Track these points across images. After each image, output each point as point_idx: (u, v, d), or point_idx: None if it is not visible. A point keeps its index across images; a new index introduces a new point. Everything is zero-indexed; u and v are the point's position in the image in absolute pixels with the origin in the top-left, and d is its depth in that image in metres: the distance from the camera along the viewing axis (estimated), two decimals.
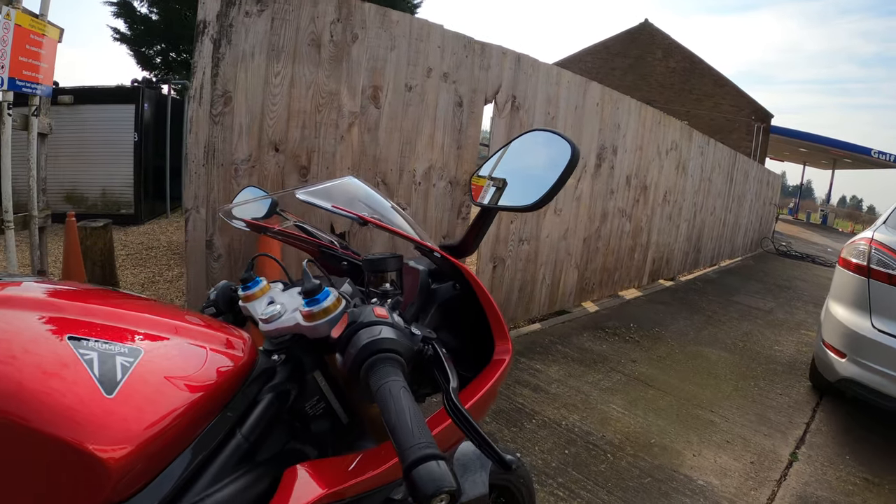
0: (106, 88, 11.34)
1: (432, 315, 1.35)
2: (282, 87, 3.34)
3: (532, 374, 4.29)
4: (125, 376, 0.83)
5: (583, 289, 6.26)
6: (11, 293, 0.91)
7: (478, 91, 4.29)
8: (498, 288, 5.02)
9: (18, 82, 4.55)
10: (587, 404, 3.84)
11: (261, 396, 1.07)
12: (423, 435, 0.76)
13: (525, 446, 3.29)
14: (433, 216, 4.28)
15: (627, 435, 3.46)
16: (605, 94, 5.65)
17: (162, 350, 0.93)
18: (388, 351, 0.92)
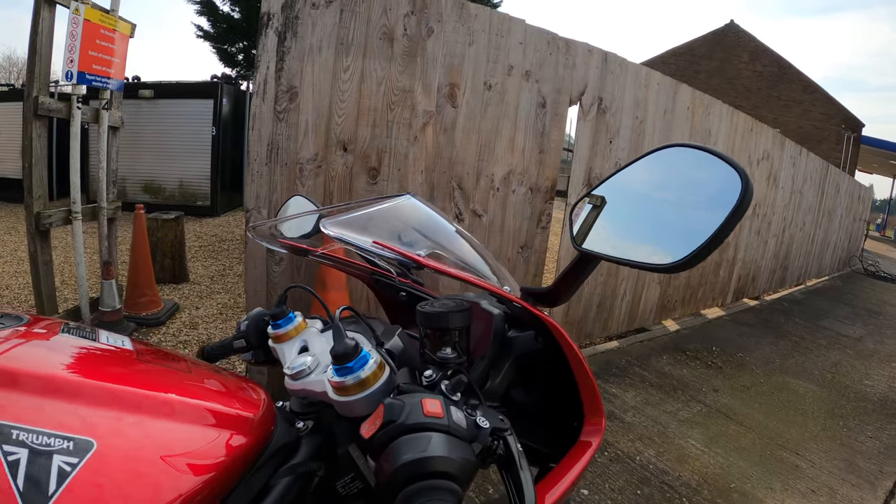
0: (186, 84, 11.97)
1: (506, 371, 1.04)
2: (351, 82, 3.14)
3: (607, 398, 4.01)
4: (60, 487, 0.59)
5: (664, 306, 5.89)
6: None
7: (562, 91, 4.00)
8: (576, 302, 4.72)
9: (88, 76, 4.60)
10: (664, 437, 3.52)
11: (275, 480, 0.83)
12: None
13: (594, 482, 3.01)
14: (511, 224, 4.00)
15: (706, 477, 3.12)
16: (696, 97, 5.30)
17: (127, 440, 0.68)
18: (440, 476, 0.66)
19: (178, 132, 11.34)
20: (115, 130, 5.37)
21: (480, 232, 3.87)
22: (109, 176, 5.29)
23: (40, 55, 4.24)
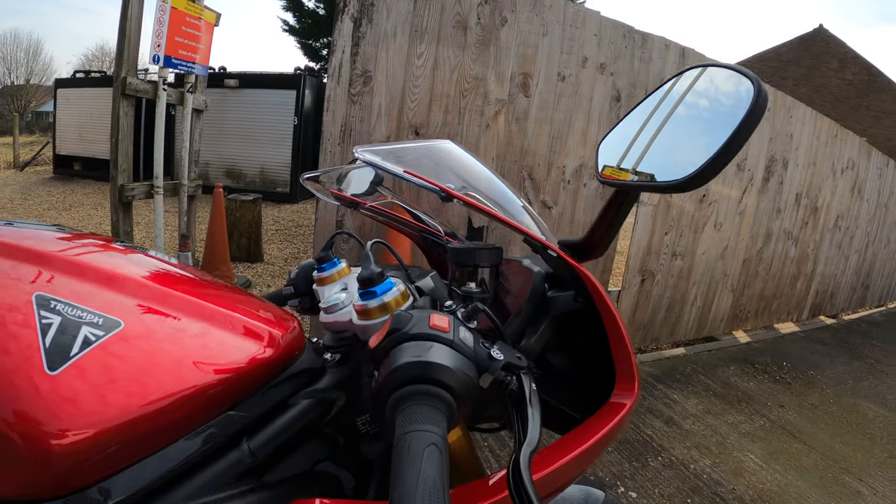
0: (270, 75, 12.51)
1: (542, 331, 1.00)
2: (424, 68, 3.20)
3: (667, 404, 3.91)
4: (82, 351, 0.68)
5: (736, 316, 5.70)
6: (12, 239, 0.80)
7: (637, 85, 3.95)
8: (644, 304, 4.64)
9: (174, 60, 4.94)
10: (722, 448, 3.40)
11: (294, 401, 0.86)
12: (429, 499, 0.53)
13: (644, 486, 2.94)
14: (581, 219, 3.98)
15: (761, 493, 2.98)
16: (778, 98, 5.12)
17: (152, 327, 0.75)
18: (431, 382, 0.65)
19: (262, 121, 11.92)
20: (199, 113, 5.72)
21: (549, 224, 3.84)
22: (191, 156, 5.64)
23: (129, 40, 4.52)
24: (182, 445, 0.74)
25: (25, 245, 0.79)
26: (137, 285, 0.80)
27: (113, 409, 0.67)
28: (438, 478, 0.57)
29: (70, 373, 0.66)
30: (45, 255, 0.78)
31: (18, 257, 0.76)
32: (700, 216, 4.66)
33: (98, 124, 13.38)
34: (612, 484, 2.96)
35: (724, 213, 4.91)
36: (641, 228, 4.36)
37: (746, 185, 5.02)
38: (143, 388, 0.69)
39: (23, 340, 0.67)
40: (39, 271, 0.76)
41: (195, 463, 0.76)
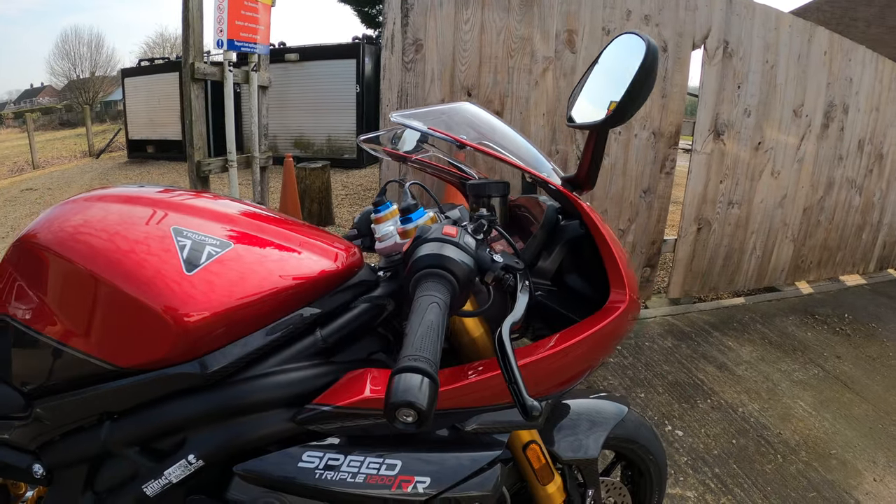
0: (329, 46, 12.77)
1: (556, 253, 1.28)
2: (472, 33, 3.35)
3: (721, 350, 3.98)
4: (208, 261, 1.01)
5: (797, 266, 5.62)
6: (157, 196, 1.15)
7: (684, 35, 3.98)
8: (701, 253, 4.69)
9: (237, 43, 5.28)
10: (772, 395, 3.45)
11: (355, 304, 1.14)
12: (425, 349, 0.75)
13: (691, 426, 3.05)
14: (633, 168, 4.07)
15: (807, 438, 3.02)
16: (835, 42, 4.97)
17: (252, 247, 1.09)
18: (439, 267, 0.91)
19: (325, 91, 12.31)
20: (264, 89, 6.08)
21: (602, 175, 3.95)
22: (261, 130, 6.02)
23: (193, 28, 4.87)
24: (273, 328, 1.05)
25: (158, 197, 1.14)
26: (237, 219, 1.15)
27: (228, 298, 0.99)
28: (436, 321, 0.80)
29: (200, 275, 0.99)
30: (174, 203, 1.13)
31: (157, 205, 1.11)
32: (756, 164, 4.65)
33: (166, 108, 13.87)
34: (660, 423, 3.07)
35: (782, 160, 4.88)
36: (695, 177, 4.40)
37: (804, 131, 4.95)
38: (246, 286, 1.02)
39: (167, 255, 1.00)
40: (172, 213, 1.09)
41: (282, 342, 1.07)
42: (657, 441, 1.73)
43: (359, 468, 1.03)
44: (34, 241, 1.04)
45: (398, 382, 0.70)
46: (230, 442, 1.03)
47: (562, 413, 1.52)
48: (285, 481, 1.02)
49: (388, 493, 1.03)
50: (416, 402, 0.69)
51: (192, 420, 1.02)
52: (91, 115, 25.28)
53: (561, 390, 1.18)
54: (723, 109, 4.31)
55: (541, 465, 1.36)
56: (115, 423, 1.04)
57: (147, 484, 1.02)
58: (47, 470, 1.08)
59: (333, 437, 1.07)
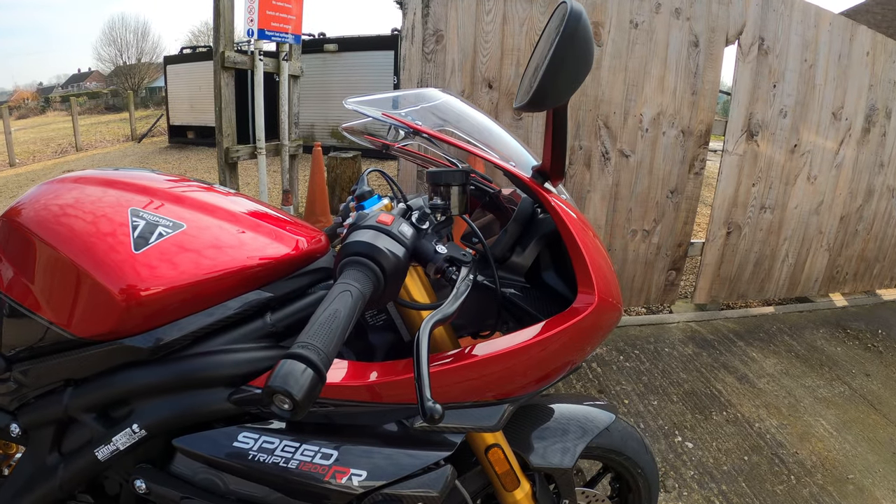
0: (367, 37, 12.87)
1: (530, 249, 1.23)
2: (493, 24, 3.30)
3: (744, 361, 3.83)
4: (157, 240, 1.06)
5: (832, 277, 5.39)
6: (129, 179, 1.21)
7: (716, 30, 3.83)
8: (730, 258, 4.54)
9: (268, 32, 5.39)
10: (793, 411, 3.28)
11: (312, 291, 1.17)
12: (319, 337, 0.74)
13: (703, 438, 2.93)
14: (660, 168, 3.95)
15: (824, 460, 2.86)
16: (878, 42, 4.76)
17: (206, 229, 1.12)
18: (363, 255, 0.89)
19: (362, 81, 12.39)
20: (296, 79, 6.19)
21: (628, 172, 3.87)
22: (291, 118, 6.13)
23: (223, 17, 5.01)
24: (222, 308, 1.08)
25: (129, 181, 1.20)
26: (198, 203, 1.18)
27: (175, 276, 1.03)
28: (342, 310, 0.78)
29: (148, 253, 1.04)
30: (142, 186, 1.18)
31: (125, 188, 1.17)
32: (791, 167, 4.48)
33: (207, 95, 14.07)
34: (670, 433, 2.96)
35: (819, 165, 4.68)
36: (726, 178, 4.25)
37: (844, 135, 4.75)
38: (197, 265, 1.05)
39: (119, 233, 1.06)
40: (133, 195, 1.15)
41: (230, 323, 1.10)
42: (647, 454, 1.64)
43: (293, 454, 1.04)
44: (14, 218, 1.14)
45: (280, 367, 0.69)
46: (171, 415, 1.07)
47: (539, 416, 1.45)
48: (219, 459, 1.05)
49: (319, 482, 1.03)
50: (291, 391, 0.68)
51: (138, 391, 1.07)
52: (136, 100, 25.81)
53: (527, 392, 1.13)
54: (757, 109, 4.14)
55: (504, 471, 1.29)
56: (76, 389, 1.11)
57: (98, 448, 1.08)
58: (23, 430, 1.17)
59: (276, 422, 1.09)
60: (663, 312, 4.68)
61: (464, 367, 1.02)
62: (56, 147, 17.68)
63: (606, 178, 3.87)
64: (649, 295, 4.34)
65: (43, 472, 1.15)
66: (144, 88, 40.92)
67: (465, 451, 1.29)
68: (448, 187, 1.09)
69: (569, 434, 1.41)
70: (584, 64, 0.89)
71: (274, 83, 5.96)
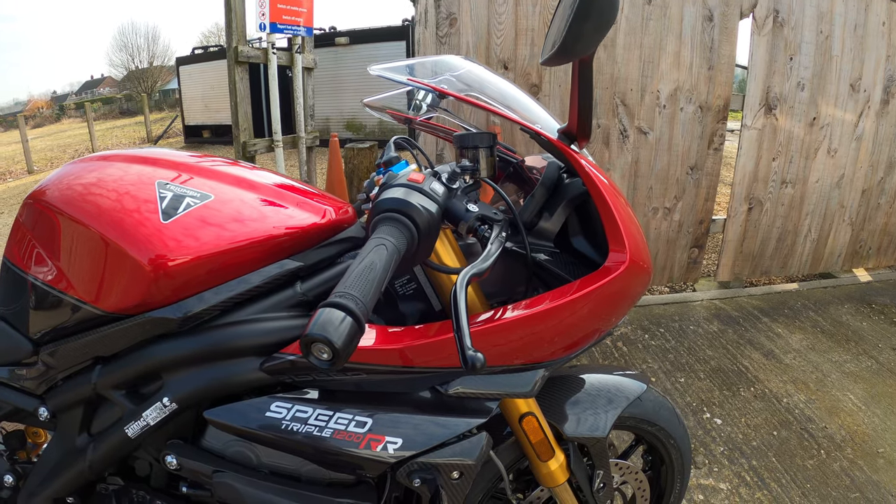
0: (378, 29, 12.93)
1: (559, 213, 1.21)
2: (507, 5, 3.32)
3: (770, 337, 3.80)
4: (185, 210, 1.06)
5: (855, 252, 5.31)
6: (155, 156, 1.22)
7: (730, 3, 3.79)
8: (752, 234, 4.51)
9: (279, 26, 5.40)
10: (821, 386, 3.25)
11: (341, 260, 1.16)
12: (357, 287, 0.73)
13: (731, 414, 2.92)
14: (679, 144, 3.92)
15: (854, 434, 2.82)
16: (894, 11, 4.64)
17: (233, 200, 1.12)
18: (396, 211, 0.89)
19: None
20: (310, 71, 6.24)
21: (647, 149, 3.86)
22: (307, 111, 6.19)
23: (235, 11, 5.05)
24: (251, 277, 1.08)
25: (156, 157, 1.21)
26: (224, 175, 1.18)
27: (202, 246, 1.02)
28: (378, 262, 0.78)
29: (176, 223, 1.03)
30: (168, 161, 1.19)
31: (152, 164, 1.17)
32: (811, 141, 4.43)
33: (220, 93, 14.27)
34: (699, 409, 2.95)
35: (839, 138, 4.63)
36: (746, 153, 4.21)
37: (863, 107, 4.68)
38: (223, 235, 1.05)
39: (147, 205, 1.06)
40: (159, 169, 1.15)
41: (259, 293, 1.09)
42: (680, 425, 1.62)
43: (326, 422, 1.03)
44: (40, 199, 1.13)
45: (319, 316, 0.68)
46: (202, 386, 1.07)
47: (570, 386, 1.43)
48: (252, 430, 1.04)
49: (355, 450, 1.02)
50: (331, 339, 0.66)
51: (168, 363, 1.07)
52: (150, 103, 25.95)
53: (558, 357, 1.12)
54: (774, 82, 4.10)
55: (538, 440, 1.28)
56: (104, 366, 1.10)
57: (129, 425, 1.08)
58: (52, 413, 1.17)
59: (307, 390, 1.08)
60: (687, 291, 4.65)
61: (495, 328, 1.00)
62: (73, 153, 17.81)
63: (625, 156, 3.86)
64: (672, 273, 4.32)
65: (72, 454, 1.15)
66: (158, 91, 41.23)
67: (499, 423, 1.28)
68: (476, 150, 1.09)
69: (601, 403, 1.40)
70: (611, 8, 0.87)
71: (288, 77, 6.00)
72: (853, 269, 5.44)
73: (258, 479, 1.08)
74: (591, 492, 1.43)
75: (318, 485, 1.11)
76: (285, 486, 1.08)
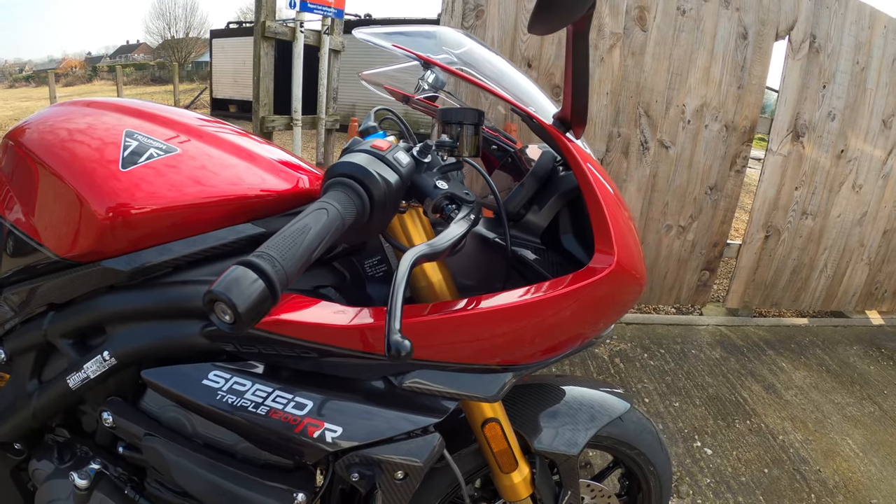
0: (413, 21, 13.07)
1: (549, 207, 1.12)
2: None
3: (773, 371, 3.69)
4: (146, 161, 1.02)
5: (871, 293, 5.15)
6: (138, 107, 1.17)
7: (767, 23, 3.69)
8: (766, 263, 4.39)
9: (310, 5, 5.44)
10: (820, 427, 3.13)
11: None
12: (280, 249, 0.67)
13: (723, 446, 2.81)
14: (700, 162, 3.83)
15: (848, 481, 2.70)
16: None
17: (201, 156, 1.08)
18: (347, 176, 0.83)
19: None
20: (337, 53, 6.22)
21: (666, 164, 3.77)
22: (329, 92, 6.19)
23: None
24: (208, 237, 1.02)
25: (135, 106, 1.17)
26: (200, 132, 1.14)
27: (161, 198, 0.98)
28: (313, 226, 0.72)
29: (133, 172, 1.00)
30: (146, 113, 1.15)
31: (131, 114, 1.13)
32: (837, 173, 4.31)
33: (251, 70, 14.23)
34: (689, 436, 2.86)
35: (865, 173, 4.49)
36: (768, 179, 4.10)
37: (893, 145, 4.52)
38: (186, 189, 1.01)
39: (109, 152, 1.02)
40: (135, 119, 1.11)
41: (217, 254, 1.04)
42: (662, 452, 1.52)
43: (264, 399, 0.98)
44: (15, 139, 1.12)
45: (228, 273, 0.62)
46: (143, 344, 1.04)
47: (547, 396, 1.35)
48: (186, 396, 1.00)
49: (290, 433, 0.97)
50: (234, 300, 0.60)
51: (113, 316, 1.05)
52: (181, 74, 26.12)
53: (532, 362, 1.03)
54: (804, 109, 3.99)
55: (501, 449, 1.20)
56: (56, 314, 1.09)
57: (71, 376, 1.06)
58: (8, 357, 1.17)
59: (253, 364, 1.03)
60: (693, 314, 4.55)
61: (462, 318, 0.92)
62: None
63: (644, 169, 3.77)
64: (680, 294, 4.22)
65: (21, 399, 1.14)
66: (191, 63, 41.62)
67: (465, 427, 1.22)
68: (460, 126, 1.00)
69: (578, 419, 1.31)
70: None
71: (318, 59, 5.97)
72: (866, 311, 5.29)
73: (189, 448, 1.03)
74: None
75: (253, 465, 1.05)
76: (216, 461, 1.03)
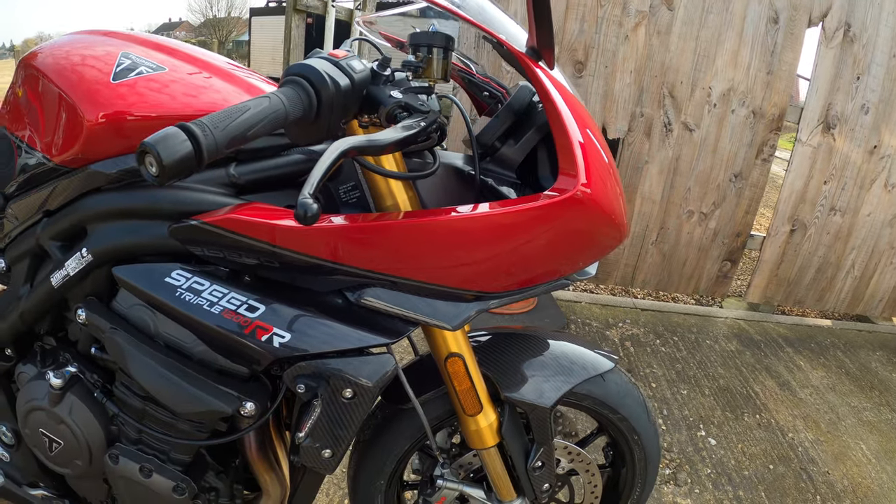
0: None
1: (525, 140, 1.10)
2: None
3: (789, 368, 3.59)
4: (135, 76, 1.07)
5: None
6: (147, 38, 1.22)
7: (799, 8, 3.58)
8: (791, 258, 4.27)
9: None
10: (832, 428, 3.02)
11: (288, 152, 1.11)
12: (216, 121, 0.73)
13: (728, 437, 2.75)
14: (725, 148, 3.75)
15: (856, 486, 2.59)
16: None
17: (188, 77, 1.12)
18: (297, 75, 0.86)
19: None
20: None
21: (690, 147, 3.70)
22: None
23: None
24: None
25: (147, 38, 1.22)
26: (199, 60, 1.18)
27: (146, 107, 1.04)
28: (254, 109, 0.76)
29: (122, 84, 1.06)
30: (152, 42, 1.20)
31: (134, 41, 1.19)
32: (868, 170, 4.16)
33: None
34: (694, 425, 2.81)
35: None
36: (796, 170, 3.98)
37: None
38: (167, 103, 1.06)
39: (104, 66, 1.08)
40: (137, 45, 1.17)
41: None
42: (648, 422, 1.45)
43: (219, 299, 1.02)
44: (29, 61, 1.18)
45: (163, 131, 0.69)
46: (116, 241, 1.09)
47: (526, 346, 1.31)
48: (148, 292, 1.05)
49: (238, 334, 1.00)
50: (160, 154, 0.67)
51: (94, 216, 1.10)
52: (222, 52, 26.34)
53: (499, 292, 1.02)
54: (837, 100, 3.85)
55: (464, 388, 1.17)
56: (48, 219, 1.15)
57: (54, 274, 1.13)
58: (7, 267, 1.25)
59: (217, 267, 1.08)
60: (713, 306, 4.48)
61: (414, 226, 0.93)
62: None
63: (666, 151, 3.71)
64: (699, 284, 4.14)
65: (13, 303, 1.22)
66: (232, 41, 42.04)
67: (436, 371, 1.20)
68: (428, 49, 0.99)
69: (554, 370, 1.27)
70: None
71: (349, 35, 5.97)
72: (893, 318, 5.09)
73: (149, 346, 1.08)
74: (526, 467, 1.31)
75: (209, 368, 1.09)
76: (172, 360, 1.07)
